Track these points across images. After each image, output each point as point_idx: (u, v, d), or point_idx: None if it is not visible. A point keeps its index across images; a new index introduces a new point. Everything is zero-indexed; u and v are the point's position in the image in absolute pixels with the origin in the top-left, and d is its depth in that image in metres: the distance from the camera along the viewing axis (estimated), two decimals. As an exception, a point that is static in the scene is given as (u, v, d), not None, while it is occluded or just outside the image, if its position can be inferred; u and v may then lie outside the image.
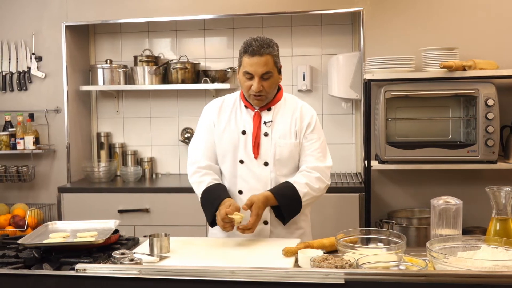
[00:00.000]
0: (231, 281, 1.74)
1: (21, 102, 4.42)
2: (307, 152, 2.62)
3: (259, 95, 2.55)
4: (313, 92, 4.44)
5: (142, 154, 4.67)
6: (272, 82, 2.56)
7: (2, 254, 2.22)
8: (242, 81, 2.58)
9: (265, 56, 2.51)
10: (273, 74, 2.55)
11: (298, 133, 2.63)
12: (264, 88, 2.54)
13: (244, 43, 2.55)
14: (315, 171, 2.57)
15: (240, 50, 2.58)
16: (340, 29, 4.39)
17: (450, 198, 2.21)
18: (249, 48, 2.51)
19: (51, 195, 4.36)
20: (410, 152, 3.66)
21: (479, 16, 3.87)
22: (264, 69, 2.51)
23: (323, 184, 2.58)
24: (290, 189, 2.51)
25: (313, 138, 2.63)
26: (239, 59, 2.59)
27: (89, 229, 2.48)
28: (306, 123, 2.64)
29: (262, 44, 2.51)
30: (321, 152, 2.63)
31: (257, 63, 2.50)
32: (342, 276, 1.69)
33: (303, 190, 2.51)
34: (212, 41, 4.59)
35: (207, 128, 2.70)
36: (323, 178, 2.58)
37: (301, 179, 2.55)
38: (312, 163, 2.60)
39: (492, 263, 1.77)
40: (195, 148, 2.71)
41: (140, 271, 1.81)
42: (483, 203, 3.30)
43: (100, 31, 4.68)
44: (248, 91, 2.57)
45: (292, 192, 2.51)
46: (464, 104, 3.82)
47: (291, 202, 2.51)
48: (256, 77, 2.51)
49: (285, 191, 2.51)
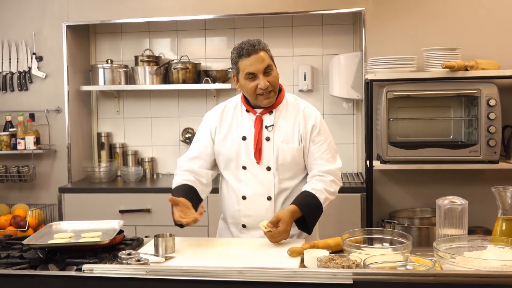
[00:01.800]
0: (239, 281, 1.73)
1: (21, 102, 4.41)
2: (316, 155, 2.60)
3: (268, 91, 2.54)
4: (314, 92, 4.44)
5: (142, 154, 4.66)
6: (275, 76, 2.57)
7: (7, 255, 2.21)
8: (245, 85, 2.55)
9: (261, 52, 2.52)
10: (273, 68, 2.57)
11: (303, 137, 2.60)
12: (270, 83, 2.54)
13: (235, 50, 2.56)
14: (328, 175, 2.57)
15: (232, 58, 2.58)
16: (341, 29, 4.39)
17: (455, 198, 2.21)
18: (242, 51, 2.52)
19: (51, 195, 4.35)
20: (412, 152, 3.67)
21: (481, 16, 3.88)
22: (264, 64, 2.52)
23: (337, 187, 2.60)
24: (311, 197, 2.50)
25: (320, 140, 2.62)
26: (235, 66, 2.58)
27: (93, 229, 2.47)
28: (311, 126, 2.62)
29: (253, 43, 2.53)
30: (330, 153, 2.62)
31: (256, 60, 2.51)
32: (350, 276, 1.69)
33: (322, 196, 2.51)
34: (213, 41, 4.58)
35: (203, 137, 2.71)
36: (336, 180, 2.59)
37: (318, 185, 2.53)
38: (323, 167, 2.58)
39: (500, 263, 1.77)
40: (184, 155, 2.74)
41: (148, 272, 1.80)
42: (485, 203, 3.33)
43: (100, 31, 4.67)
44: (254, 92, 2.55)
45: (313, 201, 2.49)
46: (466, 104, 3.82)
47: (314, 211, 2.50)
48: (259, 74, 2.51)
49: (307, 201, 2.49)
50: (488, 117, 3.55)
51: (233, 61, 2.58)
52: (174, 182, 2.65)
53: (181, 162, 2.72)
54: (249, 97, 2.60)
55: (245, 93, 2.60)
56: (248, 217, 2.62)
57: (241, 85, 2.59)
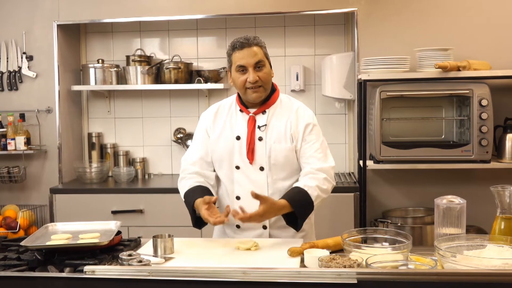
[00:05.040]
0: (243, 281, 1.73)
1: (11, 102, 4.36)
2: (308, 154, 2.58)
3: (256, 86, 2.53)
4: (306, 92, 4.45)
5: (134, 155, 4.64)
6: (266, 73, 2.56)
7: (4, 257, 2.19)
8: (236, 79, 2.56)
9: (254, 47, 2.54)
10: (266, 64, 2.57)
11: (295, 136, 2.59)
12: (260, 78, 2.53)
13: (230, 44, 2.59)
14: (321, 172, 2.54)
15: (228, 52, 2.61)
16: (333, 29, 4.41)
17: (453, 198, 2.22)
18: (237, 44, 2.54)
19: (42, 196, 4.31)
20: (405, 152, 3.68)
21: (473, 17, 3.91)
22: (256, 59, 2.52)
23: (330, 185, 2.56)
24: (302, 194, 2.46)
25: (312, 140, 2.60)
26: (229, 59, 2.60)
27: (90, 230, 2.46)
28: (303, 126, 2.60)
29: (249, 37, 2.56)
30: (322, 153, 2.60)
31: (248, 54, 2.52)
32: (355, 276, 1.70)
33: (314, 193, 2.47)
34: (204, 41, 4.57)
35: (201, 137, 2.70)
36: (329, 178, 2.56)
37: (310, 182, 2.50)
38: (316, 164, 2.56)
39: (501, 261, 1.78)
40: (186, 158, 2.73)
41: (150, 273, 1.80)
42: (478, 202, 3.36)
43: (91, 31, 4.64)
44: (244, 86, 2.55)
45: (305, 198, 2.46)
46: (458, 104, 3.85)
47: (305, 208, 2.47)
48: (249, 68, 2.52)
49: (298, 197, 2.46)
50: (480, 117, 3.58)
51: (227, 53, 2.60)
52: (185, 185, 2.63)
53: (186, 165, 2.70)
54: (239, 90, 2.61)
55: (236, 86, 2.60)
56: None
57: (232, 79, 2.60)
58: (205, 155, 2.68)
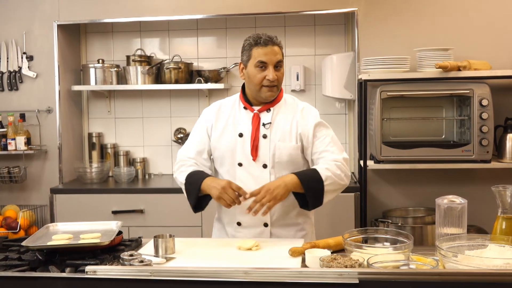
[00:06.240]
0: (244, 281, 1.73)
1: (12, 102, 4.36)
2: (320, 149, 2.57)
3: (273, 85, 2.55)
4: (307, 92, 4.45)
5: (134, 155, 4.64)
6: (282, 73, 2.59)
7: (5, 257, 2.19)
8: (253, 74, 2.55)
9: (276, 46, 2.56)
10: (283, 65, 2.60)
11: (304, 135, 2.59)
12: (277, 78, 2.55)
13: (251, 37, 2.57)
14: (334, 161, 2.52)
15: (247, 45, 2.58)
16: (333, 29, 4.41)
17: (455, 197, 2.22)
18: (260, 40, 2.53)
19: (42, 196, 4.31)
20: (406, 151, 3.68)
21: (473, 17, 3.91)
22: (278, 58, 2.55)
23: (343, 173, 2.51)
24: (311, 170, 2.49)
25: (323, 135, 2.60)
26: (247, 53, 2.58)
27: (90, 230, 2.46)
28: (312, 125, 2.61)
29: (272, 36, 2.57)
30: (335, 145, 2.59)
31: (271, 52, 2.53)
32: (356, 276, 1.70)
33: (324, 172, 2.45)
34: (205, 41, 4.57)
35: (200, 132, 2.71)
36: (343, 167, 2.52)
37: (321, 165, 2.50)
38: (329, 157, 2.54)
39: (503, 261, 1.78)
40: (182, 150, 2.74)
41: (152, 273, 1.79)
42: (478, 202, 3.37)
43: (91, 31, 4.64)
44: (260, 83, 2.55)
45: (312, 173, 2.46)
46: (458, 104, 3.85)
47: (314, 183, 2.44)
48: (270, 65, 2.53)
49: (306, 171, 2.50)
50: (480, 117, 3.58)
51: (246, 47, 2.58)
52: (186, 170, 2.63)
53: (183, 157, 2.71)
54: (254, 87, 2.58)
55: (250, 82, 2.59)
56: (244, 215, 2.60)
57: (247, 73, 2.59)
58: (201, 152, 2.69)
